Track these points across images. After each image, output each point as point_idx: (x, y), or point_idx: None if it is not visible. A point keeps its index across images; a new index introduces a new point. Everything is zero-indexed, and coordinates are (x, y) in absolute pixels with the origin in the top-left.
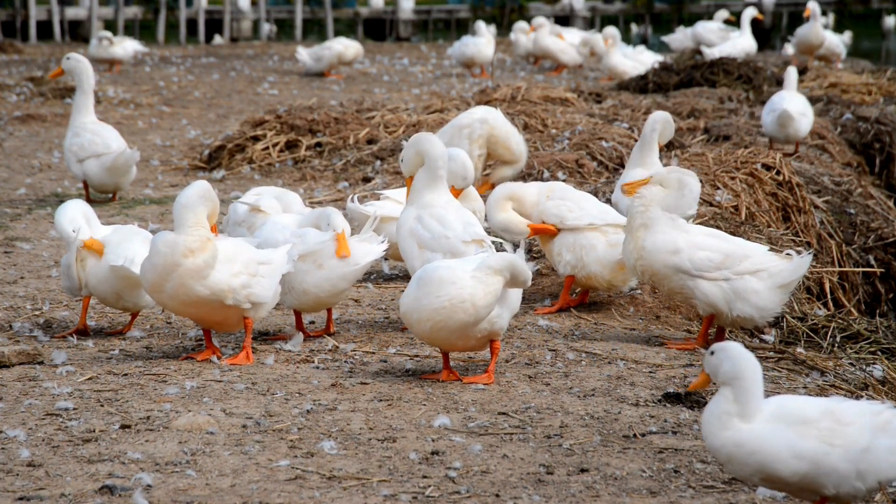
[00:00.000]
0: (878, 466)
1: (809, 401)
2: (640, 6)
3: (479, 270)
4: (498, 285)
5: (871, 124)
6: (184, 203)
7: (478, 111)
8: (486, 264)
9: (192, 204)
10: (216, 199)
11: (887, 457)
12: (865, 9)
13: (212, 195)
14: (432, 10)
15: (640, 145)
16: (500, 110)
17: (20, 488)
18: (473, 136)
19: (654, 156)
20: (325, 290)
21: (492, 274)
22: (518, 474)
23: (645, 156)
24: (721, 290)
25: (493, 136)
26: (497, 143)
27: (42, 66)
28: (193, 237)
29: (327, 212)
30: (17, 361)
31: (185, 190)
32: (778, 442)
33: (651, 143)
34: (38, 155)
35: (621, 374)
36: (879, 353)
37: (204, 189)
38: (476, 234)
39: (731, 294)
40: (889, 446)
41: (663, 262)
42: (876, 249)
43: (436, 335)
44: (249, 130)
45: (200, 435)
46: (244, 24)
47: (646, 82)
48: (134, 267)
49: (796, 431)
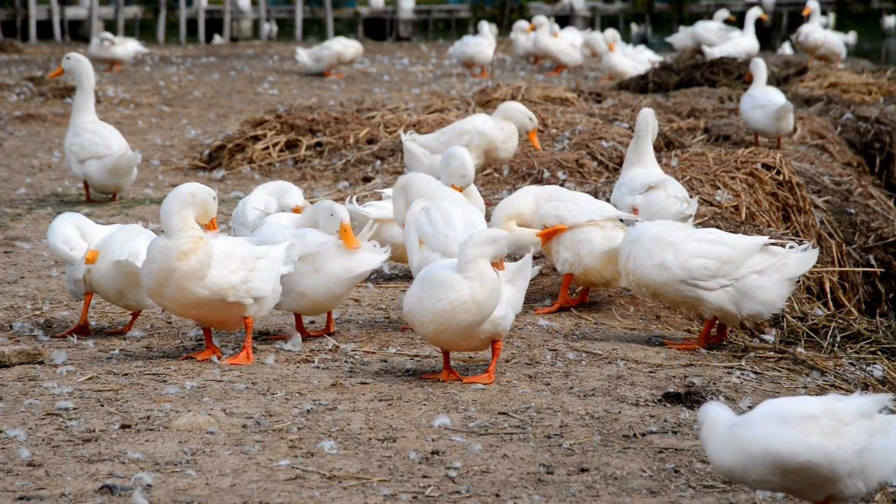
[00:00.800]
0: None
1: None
2: (640, 6)
3: (461, 270)
4: (489, 271)
5: (871, 124)
6: (165, 210)
7: (477, 121)
8: (462, 262)
9: (174, 210)
10: (203, 200)
11: (886, 456)
12: (865, 9)
13: (195, 198)
14: (432, 10)
15: (635, 143)
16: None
17: (20, 488)
18: (471, 145)
19: (649, 153)
20: (321, 294)
21: (474, 265)
22: (518, 474)
23: (641, 153)
24: (727, 293)
25: (490, 150)
26: (497, 150)
27: (42, 65)
28: (184, 240)
29: (325, 204)
30: (18, 361)
31: (167, 197)
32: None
33: (646, 140)
34: (38, 155)
35: (621, 374)
36: (879, 353)
37: (183, 193)
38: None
39: (737, 295)
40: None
41: (653, 277)
42: (876, 249)
43: (439, 336)
44: (249, 130)
45: (200, 435)
46: (244, 24)
47: (646, 82)
48: (137, 262)
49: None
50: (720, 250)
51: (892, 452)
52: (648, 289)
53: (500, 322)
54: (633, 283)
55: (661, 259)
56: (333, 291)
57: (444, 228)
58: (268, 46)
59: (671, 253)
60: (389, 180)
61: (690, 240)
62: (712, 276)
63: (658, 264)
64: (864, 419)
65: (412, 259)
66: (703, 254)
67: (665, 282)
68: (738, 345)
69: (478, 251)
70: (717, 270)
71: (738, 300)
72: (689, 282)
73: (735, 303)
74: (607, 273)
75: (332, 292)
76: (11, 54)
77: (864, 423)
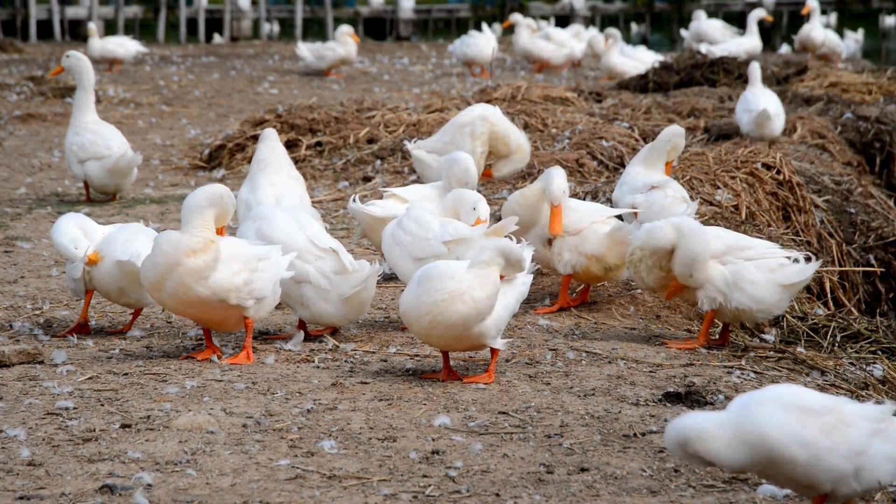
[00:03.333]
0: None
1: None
2: (640, 5)
3: (473, 266)
4: (495, 276)
5: (871, 124)
6: (192, 204)
7: (477, 108)
8: (477, 259)
9: (200, 206)
10: (228, 206)
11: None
12: (865, 8)
13: (223, 201)
14: (432, 10)
15: (651, 149)
16: (498, 108)
17: (20, 487)
18: (476, 132)
19: (661, 163)
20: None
21: (485, 266)
22: (518, 473)
23: (652, 159)
24: (722, 274)
25: (494, 133)
26: (498, 140)
27: (42, 65)
28: (197, 238)
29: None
30: (18, 361)
31: (196, 191)
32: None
33: (661, 153)
34: (38, 154)
35: (621, 374)
36: (880, 353)
37: (215, 193)
38: (456, 233)
39: (730, 279)
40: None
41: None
42: (876, 249)
43: (433, 331)
44: (249, 130)
45: (201, 434)
46: (244, 24)
47: (646, 81)
48: (139, 262)
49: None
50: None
51: (889, 459)
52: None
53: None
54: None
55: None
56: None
57: (422, 232)
58: (268, 46)
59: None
60: (389, 180)
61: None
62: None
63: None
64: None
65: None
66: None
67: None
68: (739, 344)
69: (494, 258)
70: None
71: (729, 289)
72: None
73: (727, 288)
74: (612, 258)
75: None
76: (11, 54)
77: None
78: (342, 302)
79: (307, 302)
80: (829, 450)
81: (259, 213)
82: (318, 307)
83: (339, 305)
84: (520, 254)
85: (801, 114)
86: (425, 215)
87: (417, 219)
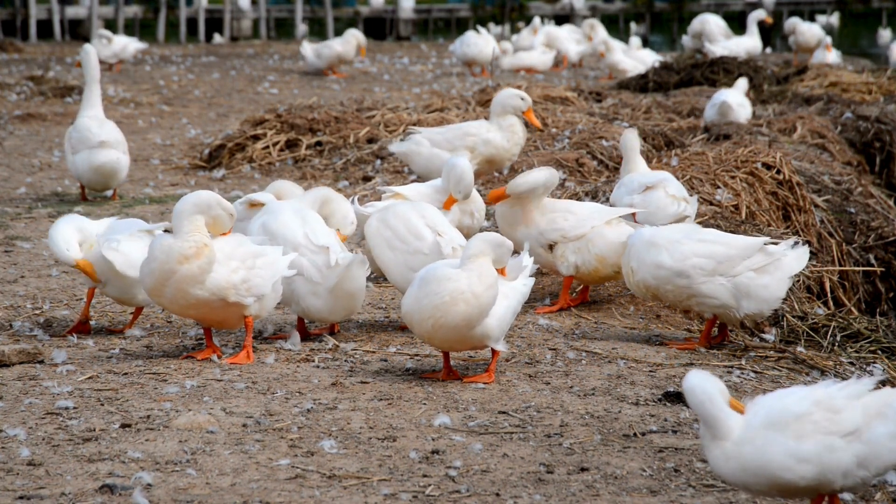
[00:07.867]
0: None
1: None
2: (640, 5)
3: (464, 262)
4: (489, 267)
5: (871, 123)
6: (180, 209)
7: (483, 130)
8: (467, 254)
9: (187, 212)
10: (218, 211)
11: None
12: (865, 8)
13: (211, 208)
14: (432, 10)
15: (625, 163)
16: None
17: (20, 487)
18: (475, 150)
19: (640, 164)
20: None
21: (476, 259)
22: (518, 473)
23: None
24: (726, 288)
25: (493, 158)
26: (499, 160)
27: (42, 65)
28: (189, 243)
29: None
30: (18, 360)
31: (185, 197)
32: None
33: (633, 158)
34: (38, 154)
35: (621, 374)
36: (879, 353)
37: (201, 199)
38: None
39: (737, 291)
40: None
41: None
42: (876, 248)
43: (436, 333)
44: (249, 129)
45: (201, 434)
46: (244, 23)
47: (646, 81)
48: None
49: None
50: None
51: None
52: (649, 290)
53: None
54: (635, 285)
55: (659, 259)
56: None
57: (414, 241)
58: (268, 45)
59: (666, 254)
60: (390, 179)
61: (688, 240)
62: (709, 274)
63: (656, 264)
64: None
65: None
66: (700, 253)
67: (666, 279)
68: (738, 344)
69: (481, 248)
70: (713, 269)
71: (738, 297)
72: (685, 275)
73: (735, 298)
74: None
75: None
76: (11, 53)
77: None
78: (330, 294)
79: (297, 297)
80: (830, 448)
81: (269, 208)
82: (308, 302)
83: (328, 299)
84: (503, 239)
85: (801, 113)
86: (411, 216)
87: (404, 219)
